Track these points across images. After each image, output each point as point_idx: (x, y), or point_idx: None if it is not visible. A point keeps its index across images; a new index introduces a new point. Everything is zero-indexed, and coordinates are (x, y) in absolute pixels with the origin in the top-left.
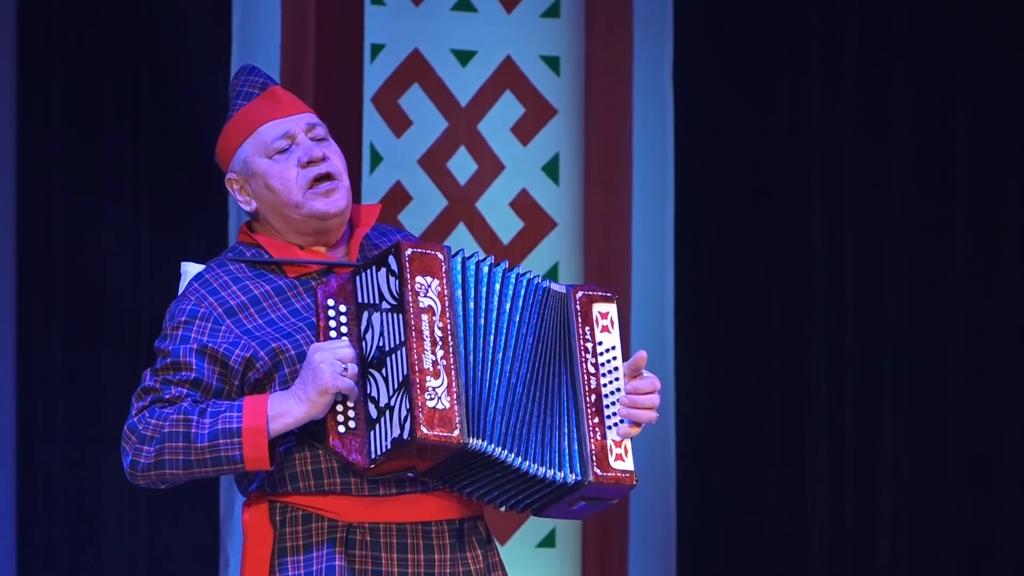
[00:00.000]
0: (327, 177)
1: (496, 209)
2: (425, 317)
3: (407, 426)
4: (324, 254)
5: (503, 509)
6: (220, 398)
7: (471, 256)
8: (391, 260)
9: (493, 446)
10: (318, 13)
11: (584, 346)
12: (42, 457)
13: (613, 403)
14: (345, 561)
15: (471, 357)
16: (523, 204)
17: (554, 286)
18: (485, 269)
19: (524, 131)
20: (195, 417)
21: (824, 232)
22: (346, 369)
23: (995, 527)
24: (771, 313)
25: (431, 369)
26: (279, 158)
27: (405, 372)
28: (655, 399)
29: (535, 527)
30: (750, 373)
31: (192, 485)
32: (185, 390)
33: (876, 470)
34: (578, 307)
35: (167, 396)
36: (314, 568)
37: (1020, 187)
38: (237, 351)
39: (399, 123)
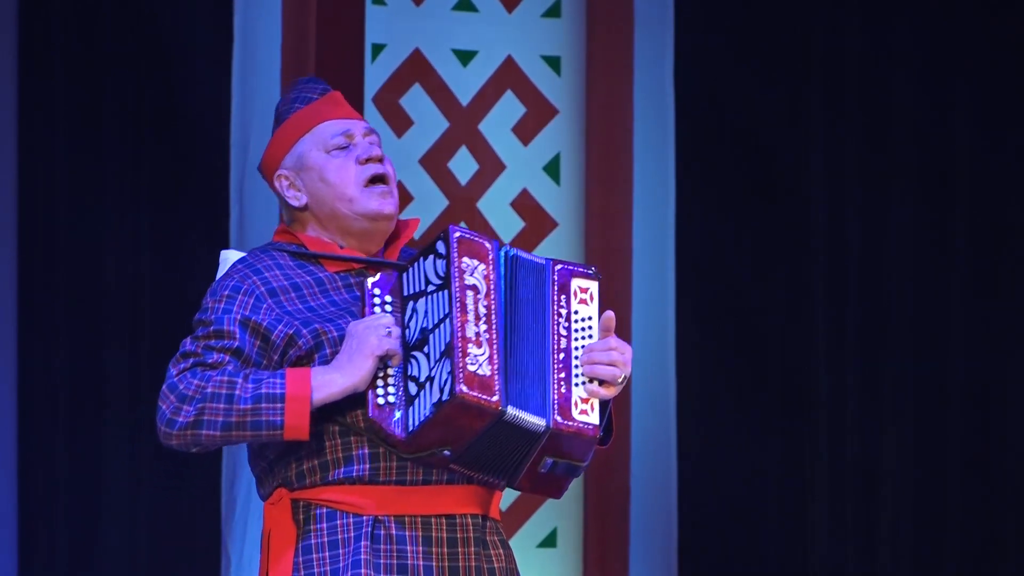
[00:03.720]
0: (383, 180)
1: (497, 209)
2: (470, 293)
3: (447, 387)
4: (362, 256)
5: (490, 480)
6: None
7: (511, 249)
8: (439, 244)
9: (520, 411)
10: (319, 13)
11: (557, 311)
12: (42, 457)
13: (579, 366)
14: (371, 555)
15: (507, 337)
16: (524, 204)
17: (534, 259)
18: (519, 258)
19: (525, 131)
20: (239, 380)
21: (824, 232)
22: (389, 333)
23: (995, 527)
24: (772, 313)
25: (474, 339)
26: (337, 154)
27: (448, 339)
28: (612, 356)
29: (536, 527)
30: (750, 373)
31: (192, 485)
32: (227, 357)
33: (876, 470)
34: (556, 277)
35: (209, 360)
36: (340, 564)
37: (1021, 187)
38: (280, 327)
39: (400, 123)
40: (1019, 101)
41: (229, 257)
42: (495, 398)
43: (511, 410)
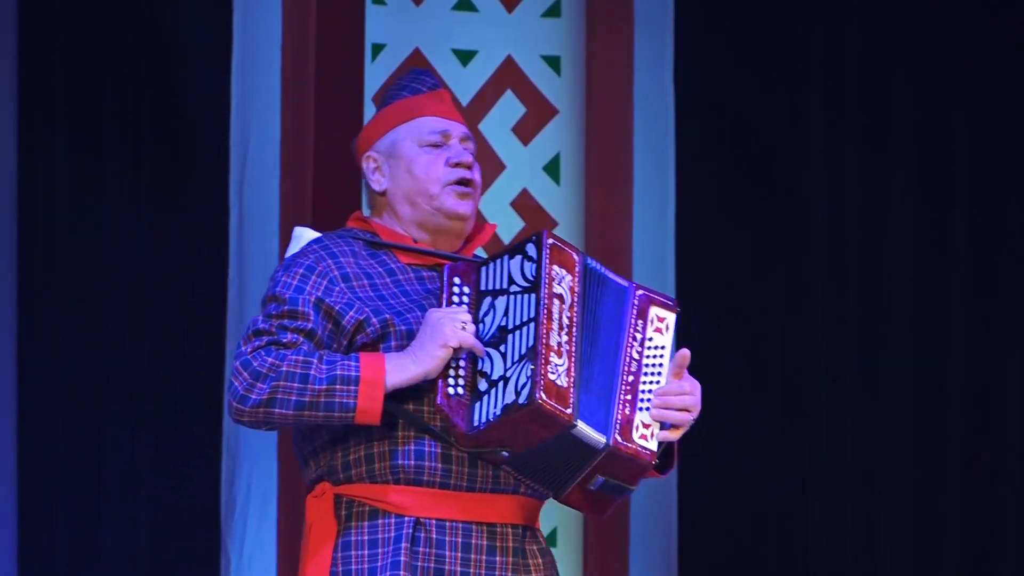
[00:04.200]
0: (468, 183)
1: (497, 209)
2: (556, 302)
3: (524, 391)
4: (439, 251)
5: (538, 488)
6: None
7: (593, 262)
8: (529, 247)
9: (592, 432)
10: (319, 13)
11: (633, 335)
12: (42, 457)
13: (649, 392)
14: (409, 557)
15: (584, 352)
16: (524, 204)
17: (618, 279)
18: (597, 272)
19: (525, 131)
20: (314, 361)
21: (824, 232)
22: (464, 327)
23: (996, 527)
24: (772, 313)
25: (556, 348)
26: (429, 150)
27: (531, 343)
28: (685, 400)
29: None
30: (750, 373)
31: (192, 485)
32: (301, 338)
33: (876, 470)
34: (636, 302)
35: (284, 340)
36: (379, 564)
37: (1021, 187)
38: (351, 312)
39: None
40: (1019, 101)
41: (304, 235)
42: (569, 411)
43: (580, 425)
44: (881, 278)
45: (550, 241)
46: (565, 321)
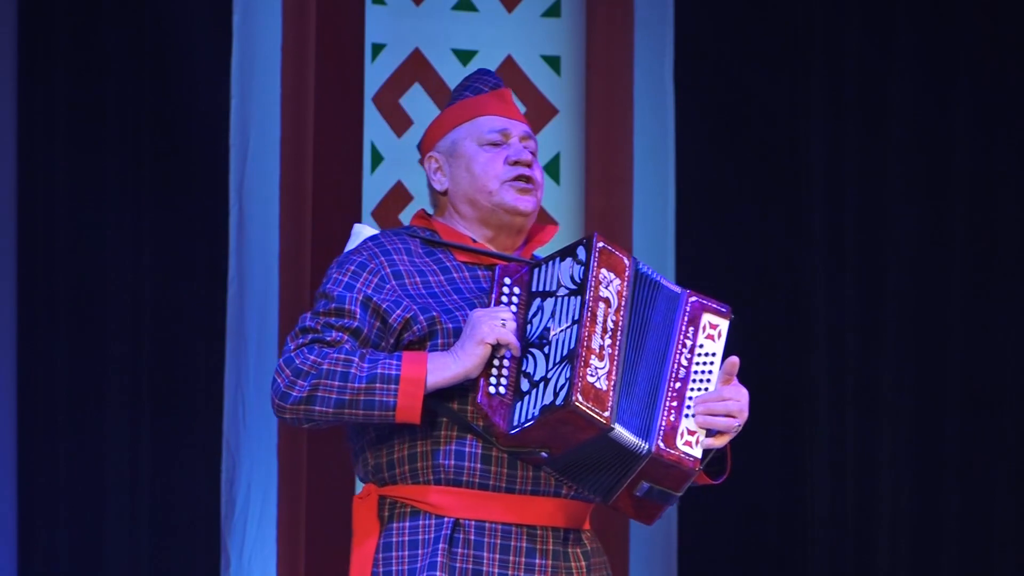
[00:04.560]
0: (528, 180)
1: None
2: (602, 305)
3: (562, 393)
4: (495, 251)
5: (584, 492)
6: None
7: (645, 267)
8: (579, 250)
9: (631, 436)
10: (319, 13)
11: (683, 341)
12: (42, 457)
13: (694, 398)
14: (447, 558)
15: (628, 356)
16: None
17: (671, 286)
18: (648, 278)
19: None
20: (355, 359)
21: (824, 232)
22: (504, 324)
23: (995, 527)
24: (772, 313)
25: (597, 351)
26: (489, 149)
27: (572, 346)
28: (729, 406)
29: None
30: (750, 373)
31: (193, 485)
32: (346, 336)
33: (876, 470)
34: (688, 308)
35: (328, 338)
36: (418, 565)
37: (1019, 188)
38: (398, 311)
39: (400, 123)
40: (1018, 101)
41: (362, 231)
42: (606, 414)
43: (618, 428)
44: (881, 278)
45: (600, 244)
46: (610, 325)
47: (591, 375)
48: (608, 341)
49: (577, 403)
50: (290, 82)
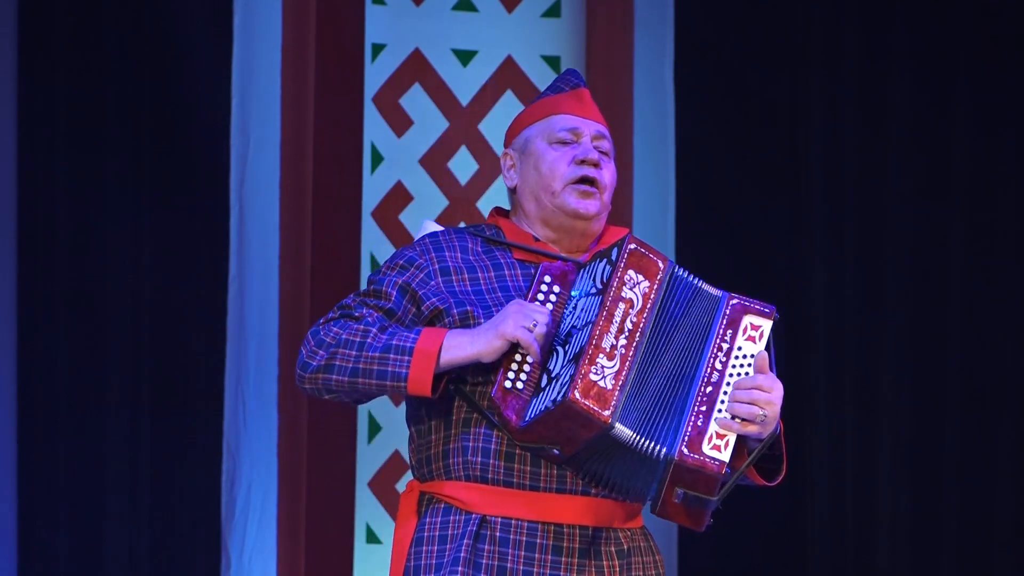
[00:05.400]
0: (592, 182)
1: None
2: (622, 306)
3: (563, 390)
4: (556, 251)
5: (625, 498)
6: None
7: (682, 271)
8: (614, 251)
9: (638, 437)
10: (319, 13)
11: (719, 344)
12: (42, 457)
13: (726, 400)
14: (471, 554)
15: (649, 357)
16: None
17: (710, 290)
18: (683, 281)
19: None
20: (374, 330)
21: (824, 232)
22: (534, 325)
23: (994, 527)
24: None
25: (608, 350)
26: (558, 147)
27: (583, 343)
28: (754, 394)
29: None
30: None
31: (193, 485)
32: (376, 314)
33: (876, 470)
34: (728, 311)
35: (356, 314)
36: (445, 559)
37: (1019, 188)
38: (433, 299)
39: (400, 123)
40: (1018, 100)
41: (428, 226)
42: (607, 412)
43: (619, 427)
44: (881, 277)
45: (631, 246)
46: (628, 326)
47: (595, 373)
48: (623, 341)
49: (574, 400)
50: (290, 82)
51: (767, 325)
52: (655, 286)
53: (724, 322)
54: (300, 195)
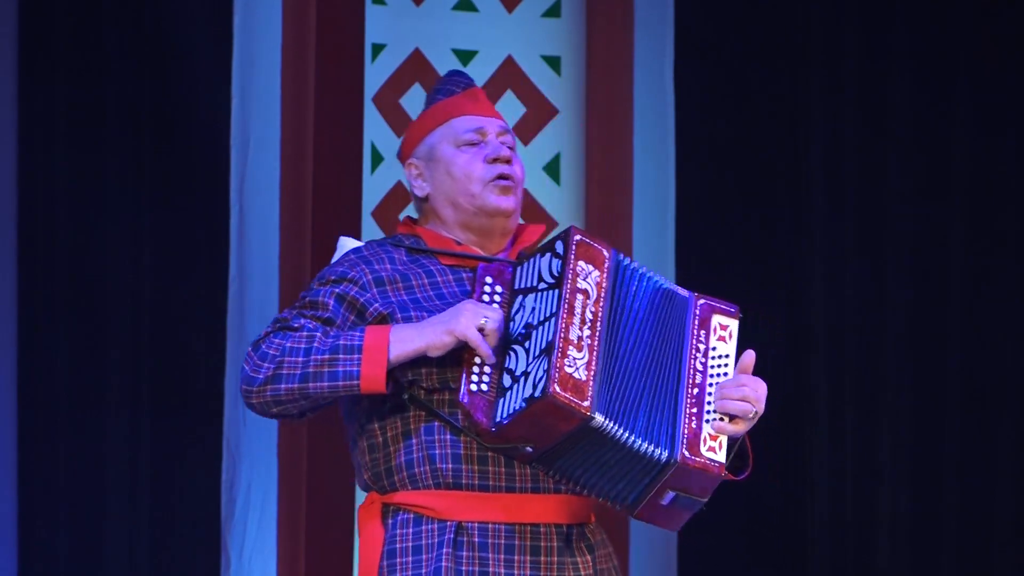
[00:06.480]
0: (508, 178)
1: None
2: (580, 297)
3: (540, 385)
4: (480, 253)
5: (601, 499)
6: None
7: (627, 259)
8: (558, 244)
9: (614, 425)
10: (319, 13)
11: (696, 346)
12: (42, 457)
13: (713, 401)
14: (452, 563)
15: (609, 346)
16: (524, 204)
17: (678, 290)
18: (630, 269)
19: (525, 131)
20: (318, 335)
21: (824, 232)
22: (485, 321)
23: (994, 527)
24: (771, 313)
25: (576, 342)
26: (467, 149)
27: (550, 338)
28: (744, 391)
29: None
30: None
31: (193, 485)
32: (315, 323)
33: (876, 470)
34: (697, 312)
35: (295, 324)
36: (423, 571)
37: (1020, 188)
38: (376, 305)
39: (400, 123)
40: (1018, 100)
41: (346, 244)
42: (585, 403)
43: (599, 417)
44: (881, 277)
45: (577, 237)
46: (588, 316)
47: (569, 365)
48: (588, 332)
49: (555, 393)
50: (290, 82)
51: (734, 325)
52: (605, 275)
53: (696, 322)
54: (300, 195)
